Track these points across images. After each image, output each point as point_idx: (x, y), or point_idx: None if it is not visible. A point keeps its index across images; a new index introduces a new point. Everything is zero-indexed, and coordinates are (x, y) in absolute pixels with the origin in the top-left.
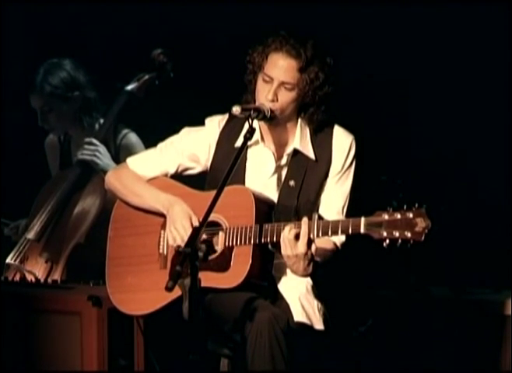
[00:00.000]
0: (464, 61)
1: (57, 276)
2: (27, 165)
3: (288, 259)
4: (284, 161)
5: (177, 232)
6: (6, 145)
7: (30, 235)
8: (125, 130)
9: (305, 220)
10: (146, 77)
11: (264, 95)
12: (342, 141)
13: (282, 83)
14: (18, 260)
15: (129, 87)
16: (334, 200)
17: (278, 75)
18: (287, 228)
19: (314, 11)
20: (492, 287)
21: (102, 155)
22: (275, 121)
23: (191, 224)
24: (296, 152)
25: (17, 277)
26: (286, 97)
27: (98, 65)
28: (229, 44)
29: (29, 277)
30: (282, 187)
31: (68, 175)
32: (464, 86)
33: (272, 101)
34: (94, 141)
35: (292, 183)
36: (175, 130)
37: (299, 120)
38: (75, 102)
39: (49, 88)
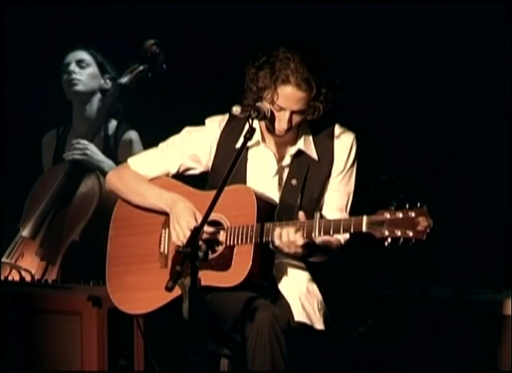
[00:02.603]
0: (463, 61)
1: (53, 274)
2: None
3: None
4: (287, 161)
5: (181, 229)
6: (6, 144)
7: (25, 232)
8: (127, 127)
9: (301, 214)
10: (139, 69)
11: (280, 126)
12: (344, 140)
13: (294, 111)
14: (13, 258)
15: (122, 79)
16: (337, 198)
17: (290, 107)
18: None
19: (315, 10)
20: (492, 287)
21: (93, 153)
22: None
23: (195, 221)
24: (299, 153)
25: (13, 276)
26: (298, 119)
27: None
28: (230, 44)
29: (26, 276)
30: (285, 186)
31: (60, 172)
32: (465, 87)
33: (288, 128)
34: (81, 140)
35: (294, 181)
36: (175, 130)
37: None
38: (108, 73)
39: (92, 50)
